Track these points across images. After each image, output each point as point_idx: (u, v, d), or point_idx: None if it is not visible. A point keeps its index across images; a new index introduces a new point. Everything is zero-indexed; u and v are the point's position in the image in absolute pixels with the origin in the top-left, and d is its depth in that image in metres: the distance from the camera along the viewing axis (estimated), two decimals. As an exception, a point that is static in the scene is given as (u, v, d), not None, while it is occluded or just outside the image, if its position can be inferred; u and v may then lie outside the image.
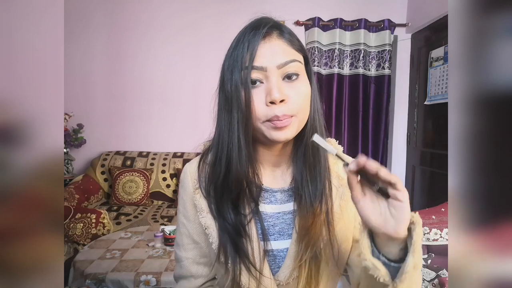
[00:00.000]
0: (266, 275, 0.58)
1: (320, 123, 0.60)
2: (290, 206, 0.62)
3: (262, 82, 0.54)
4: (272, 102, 0.52)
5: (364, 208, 0.46)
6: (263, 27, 0.54)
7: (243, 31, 0.56)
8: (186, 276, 0.66)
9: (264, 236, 0.59)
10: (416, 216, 0.46)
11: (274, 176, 0.64)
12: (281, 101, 0.52)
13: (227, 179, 0.57)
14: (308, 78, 0.58)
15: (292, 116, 0.54)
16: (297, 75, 0.55)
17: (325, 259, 0.59)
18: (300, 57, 0.56)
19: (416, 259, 0.44)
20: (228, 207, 0.58)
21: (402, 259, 0.46)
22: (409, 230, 0.46)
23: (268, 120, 0.53)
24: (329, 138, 0.66)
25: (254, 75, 0.53)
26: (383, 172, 0.43)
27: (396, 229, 0.44)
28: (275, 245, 0.61)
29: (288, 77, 0.54)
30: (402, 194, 0.44)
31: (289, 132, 0.55)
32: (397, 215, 0.44)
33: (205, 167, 0.63)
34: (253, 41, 0.53)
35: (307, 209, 0.58)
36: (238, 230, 0.58)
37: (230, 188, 0.58)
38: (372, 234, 0.49)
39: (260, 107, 0.53)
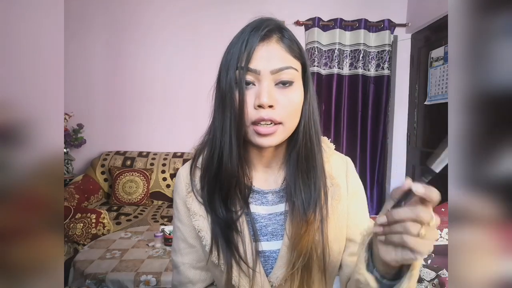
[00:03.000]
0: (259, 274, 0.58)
1: (317, 131, 0.60)
2: (281, 207, 0.62)
3: (254, 85, 0.53)
4: (260, 106, 0.52)
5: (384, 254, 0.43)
6: (263, 29, 0.53)
7: (243, 29, 0.55)
8: (184, 282, 0.65)
9: (256, 237, 0.59)
10: None
11: (266, 178, 0.64)
12: (270, 106, 0.52)
13: (219, 176, 0.57)
14: (305, 86, 0.58)
15: (277, 124, 0.53)
16: (291, 82, 0.54)
17: (317, 263, 0.58)
18: (297, 65, 0.55)
19: (411, 284, 0.43)
20: (220, 203, 0.58)
21: (396, 275, 0.45)
22: None
23: (253, 123, 0.53)
24: (323, 137, 0.66)
25: (247, 76, 0.52)
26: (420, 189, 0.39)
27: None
28: (268, 245, 0.61)
29: (282, 83, 0.53)
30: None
31: (274, 140, 0.54)
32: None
33: (197, 170, 0.63)
34: (251, 42, 0.52)
35: (300, 217, 0.57)
36: (229, 225, 0.58)
37: (221, 184, 0.58)
38: (371, 246, 0.48)
39: (248, 109, 0.53)
